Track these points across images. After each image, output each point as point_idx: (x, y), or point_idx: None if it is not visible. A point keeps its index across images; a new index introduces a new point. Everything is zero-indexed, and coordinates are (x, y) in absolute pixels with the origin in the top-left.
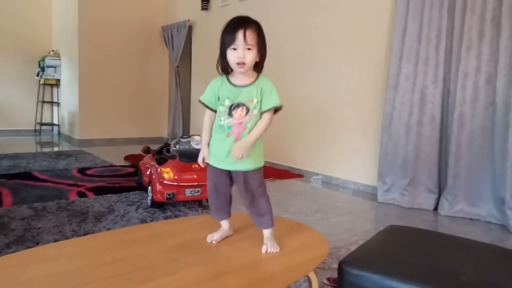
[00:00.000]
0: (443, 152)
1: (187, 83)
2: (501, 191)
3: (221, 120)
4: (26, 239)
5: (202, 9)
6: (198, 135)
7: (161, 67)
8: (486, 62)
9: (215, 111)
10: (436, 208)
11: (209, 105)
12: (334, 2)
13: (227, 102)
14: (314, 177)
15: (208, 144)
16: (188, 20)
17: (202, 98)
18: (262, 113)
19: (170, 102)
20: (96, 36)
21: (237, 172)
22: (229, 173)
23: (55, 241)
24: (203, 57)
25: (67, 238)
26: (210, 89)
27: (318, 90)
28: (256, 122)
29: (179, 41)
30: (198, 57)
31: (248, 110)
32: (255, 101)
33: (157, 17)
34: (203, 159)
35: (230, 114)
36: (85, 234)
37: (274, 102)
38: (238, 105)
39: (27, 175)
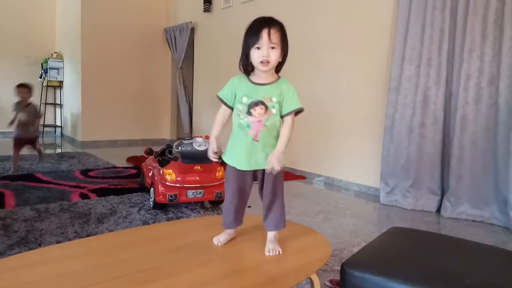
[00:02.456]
0: (445, 153)
1: (190, 85)
2: (504, 192)
3: (240, 119)
4: (29, 241)
5: (204, 11)
6: (200, 136)
7: (164, 69)
8: (489, 63)
9: (231, 109)
10: (438, 210)
11: (225, 101)
12: (335, 3)
13: (246, 100)
14: (316, 178)
15: (216, 138)
16: (191, 22)
17: (220, 94)
18: (283, 117)
19: (173, 103)
20: (99, 38)
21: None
22: (253, 174)
23: (58, 242)
24: (205, 59)
25: (69, 239)
26: (229, 85)
27: (320, 91)
28: (275, 121)
29: (182, 42)
30: (201, 59)
31: (266, 108)
32: (274, 100)
33: (159, 19)
34: (213, 153)
35: (248, 112)
36: (87, 236)
37: (295, 105)
38: (257, 103)
39: (30, 177)
